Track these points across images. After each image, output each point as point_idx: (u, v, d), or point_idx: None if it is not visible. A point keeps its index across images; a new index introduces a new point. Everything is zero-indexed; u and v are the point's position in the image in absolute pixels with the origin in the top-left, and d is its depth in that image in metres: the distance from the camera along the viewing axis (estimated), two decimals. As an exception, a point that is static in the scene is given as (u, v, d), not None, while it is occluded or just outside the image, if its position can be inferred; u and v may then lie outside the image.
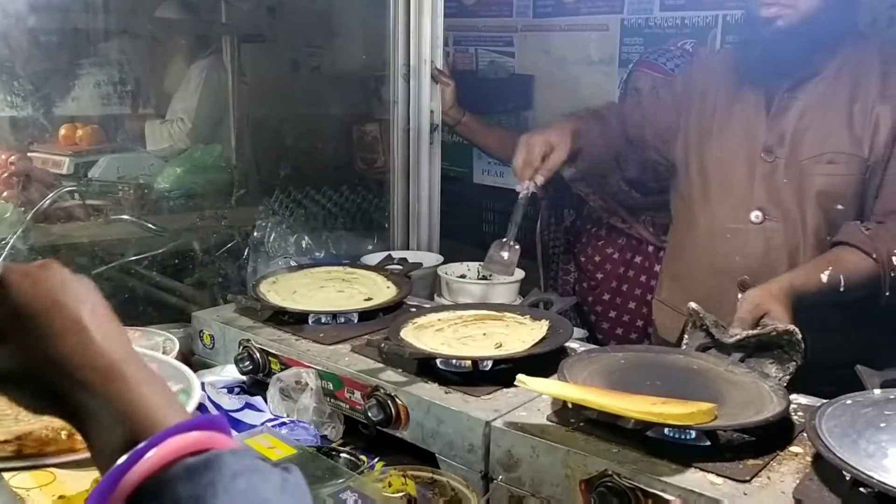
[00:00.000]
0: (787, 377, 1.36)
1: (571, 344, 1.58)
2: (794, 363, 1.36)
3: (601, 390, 1.24)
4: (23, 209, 2.28)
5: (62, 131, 2.82)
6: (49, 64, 2.36)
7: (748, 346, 1.41)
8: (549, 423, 1.28)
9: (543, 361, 1.43)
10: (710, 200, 1.86)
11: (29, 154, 2.69)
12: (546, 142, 1.82)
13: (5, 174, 2.59)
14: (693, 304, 1.48)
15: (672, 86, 2.04)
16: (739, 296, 1.74)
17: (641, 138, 2.02)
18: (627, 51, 3.40)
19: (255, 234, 2.23)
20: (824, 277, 1.58)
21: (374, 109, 3.51)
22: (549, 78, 3.63)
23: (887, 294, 1.60)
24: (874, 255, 1.58)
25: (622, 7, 3.37)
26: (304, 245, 2.28)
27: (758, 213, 1.78)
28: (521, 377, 1.24)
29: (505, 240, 1.81)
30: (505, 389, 1.38)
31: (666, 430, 1.19)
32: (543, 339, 1.51)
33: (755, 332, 1.40)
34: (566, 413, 1.28)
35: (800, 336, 1.35)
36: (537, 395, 1.33)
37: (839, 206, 1.70)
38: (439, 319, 1.63)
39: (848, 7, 1.78)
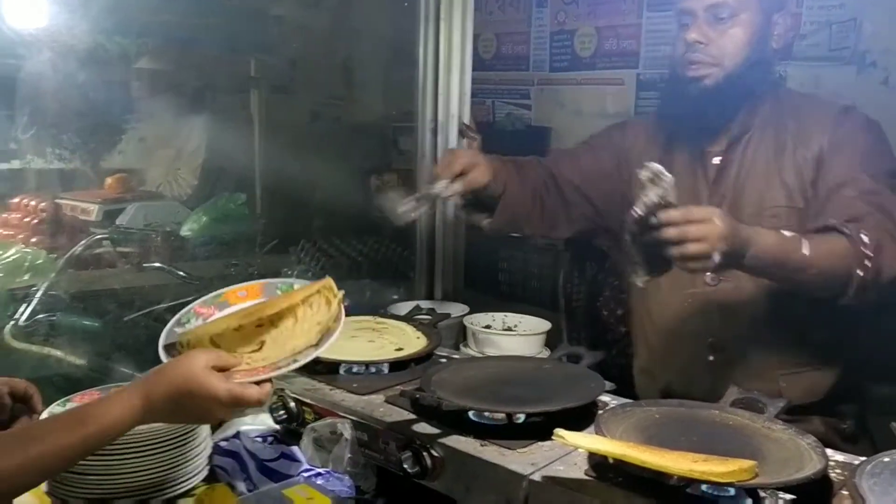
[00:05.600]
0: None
1: (603, 397, 1.60)
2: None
3: (642, 446, 1.25)
4: (54, 255, 2.31)
5: (91, 178, 2.87)
6: (97, 119, 2.42)
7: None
8: (587, 477, 1.29)
9: (576, 415, 1.45)
10: None
11: (57, 200, 2.73)
12: (474, 156, 1.82)
13: (36, 220, 2.64)
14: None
15: (610, 150, 2.00)
16: (710, 357, 1.80)
17: (580, 197, 1.98)
18: (643, 104, 3.48)
19: (281, 281, 2.26)
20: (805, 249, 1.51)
21: (392, 159, 3.58)
22: (565, 130, 3.70)
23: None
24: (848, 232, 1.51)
25: (637, 62, 3.46)
26: (329, 294, 2.31)
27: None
28: (559, 432, 1.25)
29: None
30: (540, 443, 1.39)
31: (704, 488, 1.19)
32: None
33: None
34: (604, 468, 1.29)
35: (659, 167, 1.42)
36: (572, 448, 1.34)
37: None
38: None
39: (767, 63, 1.80)
